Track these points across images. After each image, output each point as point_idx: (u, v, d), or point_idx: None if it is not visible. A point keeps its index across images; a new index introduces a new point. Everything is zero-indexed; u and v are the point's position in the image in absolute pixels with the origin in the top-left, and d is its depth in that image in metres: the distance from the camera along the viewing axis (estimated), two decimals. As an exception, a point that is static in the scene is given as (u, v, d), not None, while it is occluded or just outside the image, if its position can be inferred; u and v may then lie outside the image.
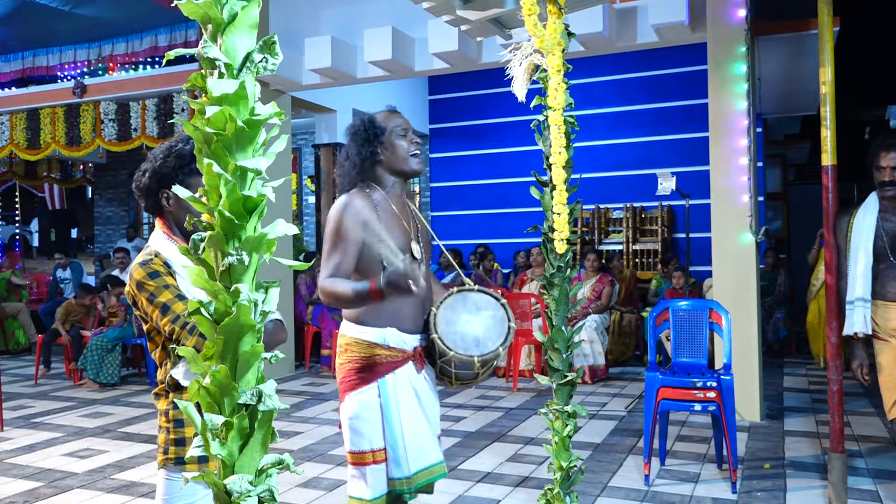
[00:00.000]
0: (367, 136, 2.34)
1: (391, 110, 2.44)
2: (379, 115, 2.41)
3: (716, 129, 5.67)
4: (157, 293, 1.84)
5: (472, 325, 2.27)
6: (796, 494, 3.85)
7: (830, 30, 3.51)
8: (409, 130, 2.40)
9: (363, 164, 2.33)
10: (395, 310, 2.26)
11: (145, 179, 1.99)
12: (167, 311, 1.82)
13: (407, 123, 2.41)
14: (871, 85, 14.71)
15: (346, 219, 2.24)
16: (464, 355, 2.20)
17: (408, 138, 2.37)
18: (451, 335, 2.23)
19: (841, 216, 3.41)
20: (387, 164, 2.36)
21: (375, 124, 2.36)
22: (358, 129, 2.37)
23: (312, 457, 4.67)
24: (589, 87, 9.96)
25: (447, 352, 2.20)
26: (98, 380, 7.21)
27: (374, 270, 2.25)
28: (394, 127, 2.36)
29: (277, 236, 1.01)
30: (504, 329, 2.27)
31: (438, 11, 3.56)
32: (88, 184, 14.44)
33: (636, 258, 9.51)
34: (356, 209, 2.26)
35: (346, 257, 2.24)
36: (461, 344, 2.23)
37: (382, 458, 2.25)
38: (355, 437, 2.27)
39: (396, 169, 2.37)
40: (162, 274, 1.87)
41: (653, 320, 4.38)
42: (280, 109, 1.02)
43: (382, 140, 2.34)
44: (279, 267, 6.20)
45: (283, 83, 7.58)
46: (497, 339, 2.25)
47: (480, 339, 2.25)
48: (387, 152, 2.35)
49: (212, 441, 0.99)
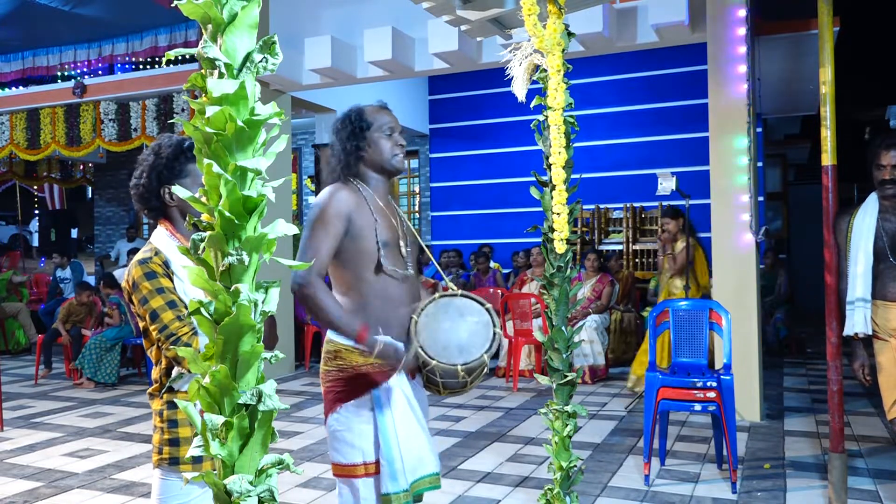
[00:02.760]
0: (353, 130, 2.28)
1: (381, 106, 2.38)
2: (368, 108, 2.34)
3: (716, 130, 5.67)
4: (149, 297, 1.84)
5: (456, 333, 2.17)
6: (796, 494, 3.85)
7: (830, 30, 3.51)
8: (396, 130, 2.32)
9: (347, 159, 2.27)
10: (386, 318, 2.18)
11: (144, 180, 1.97)
12: (155, 319, 1.82)
13: (395, 122, 2.34)
14: (871, 85, 14.71)
15: (330, 209, 2.16)
16: (446, 364, 2.10)
17: (393, 138, 2.30)
18: (432, 344, 2.12)
19: (841, 216, 3.41)
20: (370, 160, 2.29)
21: (363, 118, 2.30)
22: (344, 121, 2.31)
23: (312, 457, 4.67)
24: (589, 87, 9.96)
25: (429, 361, 2.09)
26: (95, 379, 7.21)
27: (351, 265, 2.19)
28: (381, 124, 2.30)
29: (277, 236, 1.01)
30: (489, 335, 2.17)
31: (438, 11, 3.56)
32: (88, 184, 14.45)
33: (636, 258, 9.51)
34: (342, 200, 2.18)
35: (326, 249, 2.14)
36: (443, 353, 2.12)
37: (374, 471, 2.15)
38: (347, 450, 2.17)
39: (379, 166, 2.30)
40: (158, 275, 1.87)
41: (653, 320, 4.38)
42: (280, 109, 1.01)
43: (367, 136, 2.28)
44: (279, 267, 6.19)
45: (283, 83, 7.58)
46: (482, 346, 2.15)
47: (464, 346, 2.15)
48: (370, 149, 2.29)
49: (212, 441, 0.99)
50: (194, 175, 1.97)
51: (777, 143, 12.63)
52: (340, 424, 2.19)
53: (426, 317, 2.16)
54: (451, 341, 2.16)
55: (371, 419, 2.17)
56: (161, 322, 1.81)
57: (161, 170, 1.96)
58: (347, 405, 2.19)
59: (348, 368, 2.20)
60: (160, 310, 1.82)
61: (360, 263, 2.20)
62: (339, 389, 2.20)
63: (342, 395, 2.20)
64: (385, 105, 2.40)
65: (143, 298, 1.84)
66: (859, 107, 15.13)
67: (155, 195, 1.98)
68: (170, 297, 1.85)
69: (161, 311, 1.82)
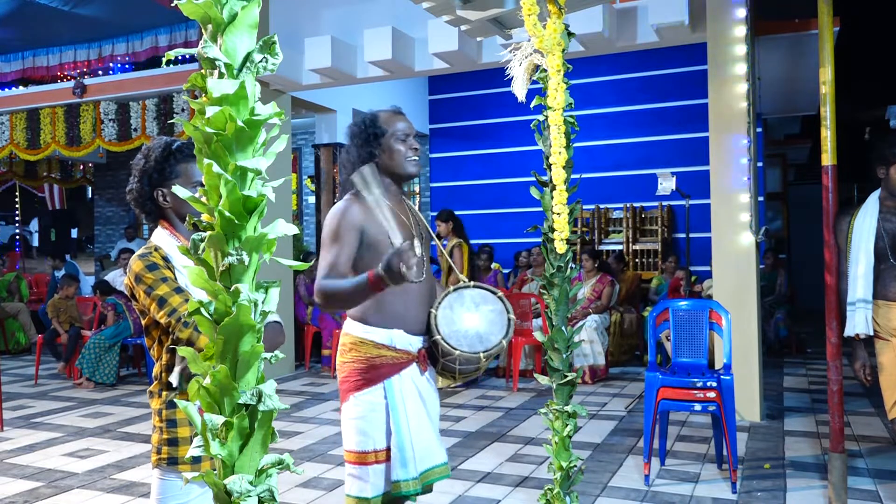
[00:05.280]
0: (367, 137, 2.34)
1: (395, 111, 2.42)
2: (382, 114, 2.39)
3: (716, 129, 5.67)
4: (154, 286, 1.85)
5: (474, 322, 2.28)
6: (796, 494, 3.85)
7: (830, 30, 3.51)
8: (411, 135, 2.38)
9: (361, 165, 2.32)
10: (401, 311, 2.27)
11: (136, 184, 2.00)
12: (163, 304, 1.83)
13: (410, 127, 2.39)
14: (871, 85, 14.71)
15: (343, 223, 2.24)
16: (469, 353, 2.22)
17: (407, 143, 2.35)
18: (453, 335, 2.24)
19: (841, 217, 3.41)
20: (383, 166, 2.34)
21: (377, 124, 2.35)
22: (359, 128, 2.36)
23: (312, 457, 4.67)
24: (589, 87, 9.96)
25: (452, 351, 2.21)
26: (94, 379, 7.21)
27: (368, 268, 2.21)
28: (395, 130, 2.34)
29: (277, 236, 1.01)
30: (505, 322, 2.29)
31: (438, 11, 3.56)
32: (88, 184, 14.45)
33: (636, 258, 9.51)
34: (353, 214, 2.25)
35: (342, 260, 2.22)
36: (465, 342, 2.25)
37: (384, 458, 2.25)
38: (359, 438, 2.26)
39: (393, 172, 2.36)
40: (160, 267, 1.88)
41: (653, 320, 4.38)
42: (280, 109, 1.01)
43: (381, 142, 2.33)
44: (279, 267, 6.19)
45: (283, 83, 7.58)
46: (499, 333, 2.28)
47: (483, 334, 2.27)
48: (384, 155, 2.34)
49: (212, 441, 0.99)
50: (186, 175, 1.99)
51: (777, 143, 12.63)
52: (354, 413, 2.27)
53: (444, 309, 2.27)
54: (471, 330, 2.28)
55: (384, 408, 2.25)
56: (170, 306, 1.82)
57: (151, 173, 1.98)
58: (361, 394, 2.27)
59: (363, 360, 2.27)
60: (167, 295, 1.83)
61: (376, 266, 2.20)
62: (354, 379, 2.28)
63: (357, 384, 2.27)
64: (399, 110, 2.44)
65: (149, 288, 1.85)
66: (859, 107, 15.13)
67: (149, 198, 2.00)
68: (174, 284, 1.86)
69: (168, 296, 1.83)
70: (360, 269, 2.24)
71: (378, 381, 2.25)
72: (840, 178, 3.65)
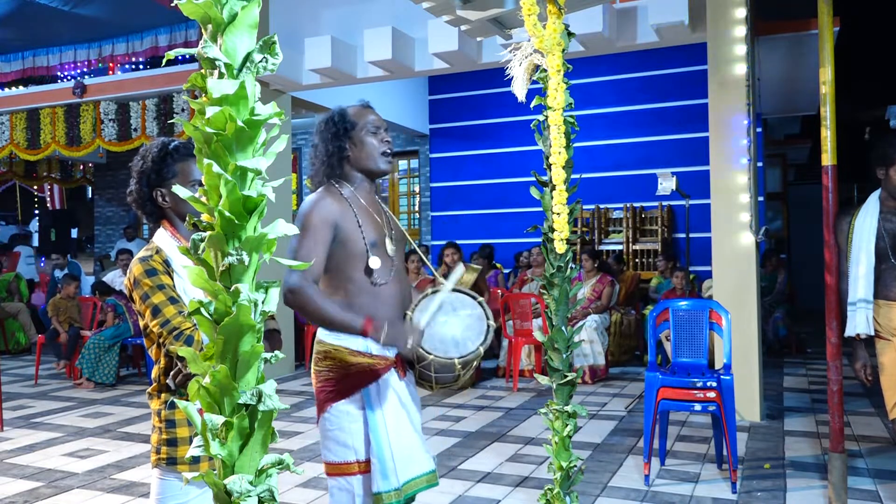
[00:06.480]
0: (336, 131, 2.26)
1: (364, 105, 2.35)
2: (351, 108, 2.32)
3: (716, 129, 5.67)
4: (150, 293, 1.85)
5: (450, 327, 2.20)
6: (796, 494, 3.85)
7: (830, 30, 3.51)
8: (381, 128, 2.30)
9: (330, 160, 2.25)
10: (375, 316, 2.16)
11: (136, 185, 2.01)
12: (157, 314, 1.83)
13: (379, 120, 2.32)
14: (871, 85, 14.71)
15: (315, 217, 2.15)
16: (443, 358, 2.13)
17: (378, 136, 2.27)
18: (428, 338, 2.14)
19: (841, 217, 3.41)
20: (354, 161, 2.27)
21: (346, 118, 2.28)
22: (327, 123, 2.28)
23: (312, 457, 4.67)
24: (589, 87, 9.96)
25: (426, 356, 2.11)
26: (94, 379, 7.21)
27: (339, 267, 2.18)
28: (365, 123, 2.28)
29: (277, 236, 1.01)
30: (483, 327, 2.21)
31: (438, 11, 3.56)
32: (88, 184, 14.44)
33: (636, 258, 9.51)
34: (326, 208, 2.16)
35: (317, 256, 2.12)
36: (440, 347, 2.15)
37: (366, 469, 2.16)
38: (339, 449, 2.18)
39: (364, 167, 2.28)
40: (159, 272, 1.88)
41: (653, 320, 4.38)
42: (280, 109, 1.01)
43: (352, 136, 2.26)
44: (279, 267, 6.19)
45: (283, 83, 7.58)
46: (476, 339, 2.19)
47: (459, 339, 2.19)
48: (355, 149, 2.26)
49: (212, 441, 0.99)
50: (183, 174, 1.99)
51: (777, 143, 12.63)
52: (332, 424, 2.19)
53: (420, 312, 2.18)
54: (447, 335, 2.19)
55: (362, 418, 2.17)
56: (163, 317, 1.82)
57: (149, 174, 1.99)
58: (338, 404, 2.18)
59: (339, 368, 2.19)
60: (161, 305, 1.83)
61: (348, 265, 2.19)
62: (330, 389, 2.20)
63: (333, 394, 2.19)
64: (368, 104, 2.37)
65: (145, 294, 1.85)
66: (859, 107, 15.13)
67: (148, 199, 2.00)
68: (171, 293, 1.86)
69: (163, 306, 1.83)
70: (331, 263, 2.19)
71: (356, 389, 2.17)
72: (840, 178, 3.64)
